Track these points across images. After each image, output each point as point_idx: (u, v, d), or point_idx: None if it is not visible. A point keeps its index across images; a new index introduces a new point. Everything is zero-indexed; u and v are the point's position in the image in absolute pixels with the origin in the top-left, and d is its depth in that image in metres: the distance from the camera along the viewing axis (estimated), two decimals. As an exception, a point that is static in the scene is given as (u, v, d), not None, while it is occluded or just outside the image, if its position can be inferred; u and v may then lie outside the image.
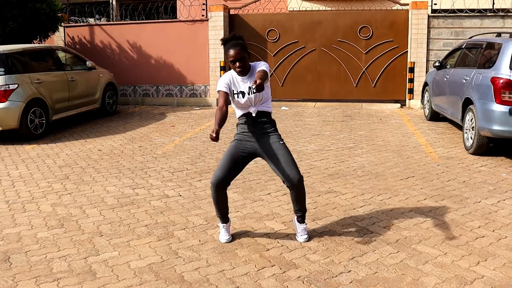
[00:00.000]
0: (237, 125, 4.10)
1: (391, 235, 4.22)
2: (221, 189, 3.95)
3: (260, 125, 3.99)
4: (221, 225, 4.17)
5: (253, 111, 3.93)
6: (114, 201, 5.24)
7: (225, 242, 4.09)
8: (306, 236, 4.12)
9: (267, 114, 4.02)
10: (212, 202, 4.10)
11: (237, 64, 3.79)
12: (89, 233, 4.36)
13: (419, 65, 11.88)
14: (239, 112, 4.03)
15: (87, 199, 5.34)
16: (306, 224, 4.19)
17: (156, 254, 3.91)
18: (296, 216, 4.18)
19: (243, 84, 3.90)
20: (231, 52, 3.77)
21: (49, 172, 6.48)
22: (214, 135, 3.55)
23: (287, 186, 3.99)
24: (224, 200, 4.06)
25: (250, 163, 4.19)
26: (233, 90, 3.92)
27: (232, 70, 3.94)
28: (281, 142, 3.99)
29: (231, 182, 4.04)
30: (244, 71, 3.86)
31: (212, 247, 4.02)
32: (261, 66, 3.86)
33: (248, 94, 3.88)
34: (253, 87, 3.73)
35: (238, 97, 3.91)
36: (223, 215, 4.13)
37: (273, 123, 4.07)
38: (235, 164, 3.96)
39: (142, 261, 3.78)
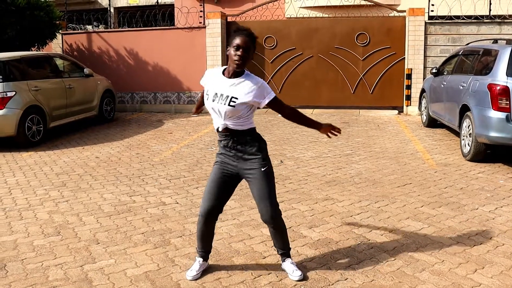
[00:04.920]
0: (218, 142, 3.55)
1: (388, 242, 4.22)
2: (211, 220, 3.52)
3: (236, 147, 3.40)
4: (198, 259, 3.68)
5: (220, 125, 3.34)
6: (111, 209, 5.23)
7: (190, 280, 3.58)
8: (299, 272, 3.57)
9: (246, 133, 3.38)
10: (196, 236, 3.65)
11: (240, 51, 3.21)
12: (85, 241, 4.35)
13: (416, 71, 11.91)
14: (214, 124, 3.45)
15: (84, 206, 5.32)
16: (291, 258, 3.70)
17: (152, 261, 3.90)
18: (280, 256, 3.72)
19: (223, 85, 3.31)
20: (238, 39, 3.23)
21: (46, 179, 6.47)
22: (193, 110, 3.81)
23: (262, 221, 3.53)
24: (210, 235, 3.63)
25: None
26: (207, 90, 3.37)
27: (219, 69, 3.42)
28: (262, 170, 3.38)
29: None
30: (242, 64, 3.24)
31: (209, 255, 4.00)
32: (267, 97, 3.30)
33: (218, 101, 3.29)
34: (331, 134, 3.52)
35: (207, 98, 3.35)
36: (206, 252, 3.70)
37: (255, 141, 3.42)
38: (222, 189, 3.47)
39: (138, 269, 3.77)
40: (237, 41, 3.24)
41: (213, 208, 3.48)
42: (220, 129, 3.38)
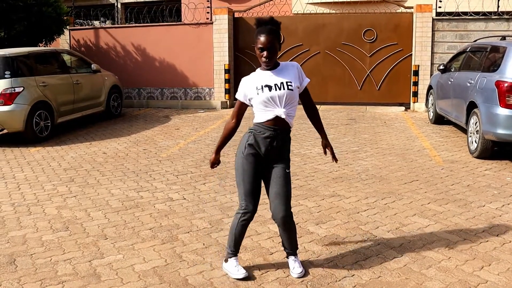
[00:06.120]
0: (250, 132, 3.45)
1: (394, 239, 4.23)
2: (251, 219, 3.50)
3: (281, 143, 3.41)
4: (232, 259, 3.61)
5: (282, 113, 3.33)
6: (119, 204, 5.26)
7: (244, 276, 3.52)
8: (300, 270, 3.58)
9: (289, 131, 3.47)
10: (231, 234, 3.57)
11: (265, 53, 3.27)
12: (93, 236, 4.38)
13: (424, 68, 11.88)
14: (262, 117, 3.38)
15: (92, 202, 5.36)
16: (297, 256, 3.68)
17: (160, 257, 3.93)
18: (286, 253, 3.73)
19: (270, 78, 3.36)
20: (261, 38, 3.26)
21: (54, 174, 6.52)
22: (210, 163, 3.61)
23: (273, 219, 3.55)
24: (245, 231, 3.60)
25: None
26: (256, 87, 3.35)
27: (255, 71, 3.48)
28: (286, 171, 3.45)
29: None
30: (271, 62, 3.33)
31: (216, 250, 4.03)
32: (305, 80, 3.48)
33: (276, 89, 3.31)
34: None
35: (263, 92, 3.32)
36: (237, 251, 3.65)
37: (289, 143, 3.55)
38: (259, 182, 3.48)
39: (146, 264, 3.80)
40: (259, 42, 3.28)
41: (255, 207, 3.46)
42: (284, 116, 3.33)
